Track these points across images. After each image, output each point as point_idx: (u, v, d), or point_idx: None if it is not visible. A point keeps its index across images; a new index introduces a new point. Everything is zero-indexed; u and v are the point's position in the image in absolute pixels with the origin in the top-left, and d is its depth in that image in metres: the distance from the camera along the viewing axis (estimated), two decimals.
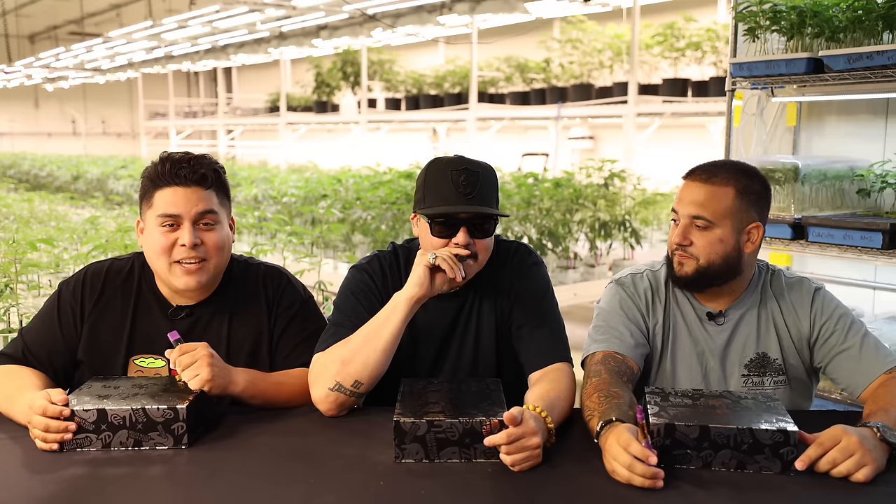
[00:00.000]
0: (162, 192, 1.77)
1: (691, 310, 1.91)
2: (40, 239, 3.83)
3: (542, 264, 1.97)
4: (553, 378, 1.75)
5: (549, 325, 1.87)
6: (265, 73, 21.75)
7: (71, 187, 12.26)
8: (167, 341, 1.74)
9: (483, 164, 1.83)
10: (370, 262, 1.94)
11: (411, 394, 1.68)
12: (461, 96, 12.50)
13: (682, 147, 10.76)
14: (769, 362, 1.87)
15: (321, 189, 7.02)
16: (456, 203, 1.77)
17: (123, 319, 1.84)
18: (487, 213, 1.79)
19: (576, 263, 6.18)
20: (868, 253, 2.66)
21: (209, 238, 1.79)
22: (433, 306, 1.88)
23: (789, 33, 2.90)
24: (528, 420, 1.48)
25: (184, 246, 1.75)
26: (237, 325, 1.87)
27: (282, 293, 1.91)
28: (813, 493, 1.39)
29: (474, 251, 1.79)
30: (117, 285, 1.86)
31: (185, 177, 1.77)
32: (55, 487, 1.41)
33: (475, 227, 1.79)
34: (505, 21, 11.75)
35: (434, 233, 1.80)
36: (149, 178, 1.80)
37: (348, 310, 1.87)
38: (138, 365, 1.84)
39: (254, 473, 1.47)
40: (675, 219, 1.86)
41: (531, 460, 1.47)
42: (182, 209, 1.76)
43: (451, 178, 1.78)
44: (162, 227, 1.77)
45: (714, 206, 1.80)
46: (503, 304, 1.90)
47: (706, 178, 1.83)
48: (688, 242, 1.81)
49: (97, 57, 18.90)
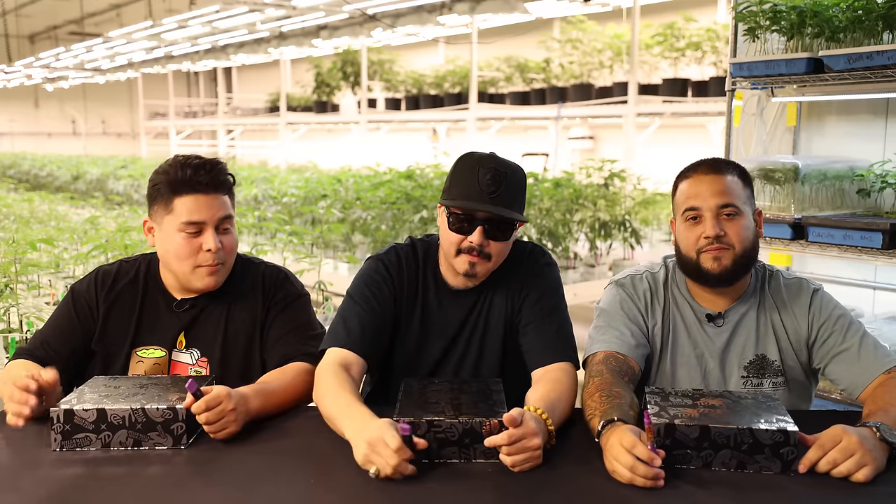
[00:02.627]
0: (183, 200, 1.83)
1: (690, 311, 1.91)
2: (40, 239, 3.84)
3: (555, 265, 1.97)
4: (555, 378, 1.75)
5: (556, 323, 1.86)
6: (265, 73, 21.74)
7: (71, 187, 12.27)
8: (170, 332, 1.83)
9: (513, 167, 1.83)
10: (387, 253, 1.95)
11: (411, 393, 1.68)
12: (461, 96, 12.50)
13: (682, 147, 10.73)
14: (768, 364, 1.87)
15: (321, 189, 7.01)
16: (478, 201, 1.76)
17: (131, 314, 1.91)
18: (506, 217, 1.78)
19: (576, 263, 6.18)
20: (868, 253, 2.66)
21: (227, 241, 1.89)
22: (447, 303, 1.89)
23: (789, 33, 2.90)
24: (528, 421, 1.47)
25: (209, 251, 1.83)
26: (236, 315, 1.93)
27: (279, 285, 1.97)
28: (813, 493, 1.39)
29: (487, 252, 1.79)
30: (126, 284, 1.94)
31: (207, 184, 1.84)
32: (55, 487, 1.41)
33: (493, 228, 1.79)
34: (505, 21, 11.75)
35: (451, 226, 1.80)
36: (167, 184, 1.85)
37: (359, 299, 1.87)
38: (139, 356, 1.90)
39: (253, 473, 1.47)
40: (694, 216, 1.81)
41: (531, 461, 1.47)
42: (206, 216, 1.84)
43: (478, 175, 1.77)
44: (185, 234, 1.83)
45: (735, 192, 1.81)
46: (513, 303, 1.90)
47: (716, 169, 1.83)
48: (723, 233, 1.79)
49: (97, 57, 18.90)
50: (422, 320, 1.90)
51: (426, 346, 1.92)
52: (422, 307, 1.91)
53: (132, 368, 1.90)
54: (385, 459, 1.41)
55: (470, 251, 1.80)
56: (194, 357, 1.91)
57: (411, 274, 1.91)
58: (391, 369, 1.94)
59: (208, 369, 1.90)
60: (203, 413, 1.56)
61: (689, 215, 1.83)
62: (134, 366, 1.90)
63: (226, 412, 1.59)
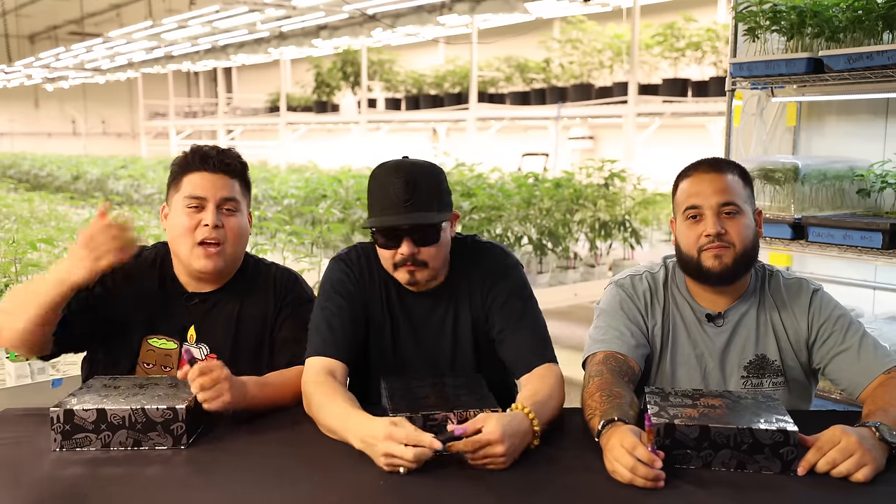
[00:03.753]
0: (190, 177, 1.89)
1: (690, 312, 1.90)
2: (40, 239, 3.84)
3: (518, 265, 1.94)
4: (540, 376, 1.75)
5: (529, 327, 1.84)
6: (265, 73, 21.74)
7: (71, 187, 12.27)
8: (181, 324, 1.87)
9: (424, 167, 1.80)
10: (348, 253, 1.94)
11: (398, 390, 1.70)
12: (461, 96, 12.50)
13: (682, 147, 10.73)
14: (768, 364, 1.87)
15: (321, 189, 7.02)
16: (394, 213, 1.75)
17: (145, 301, 1.93)
18: (427, 222, 1.76)
19: (576, 263, 6.18)
20: (868, 253, 2.66)
21: (230, 223, 1.89)
22: (412, 299, 1.88)
23: (789, 33, 2.90)
24: (492, 428, 1.46)
25: (206, 226, 1.86)
26: (248, 310, 1.96)
27: (290, 287, 2.01)
28: (813, 493, 1.39)
29: (422, 259, 1.78)
30: (145, 269, 1.96)
31: (213, 164, 1.89)
32: (55, 487, 1.41)
33: (418, 236, 1.77)
34: (505, 21, 11.76)
35: (379, 244, 1.80)
36: (178, 165, 1.92)
37: (327, 302, 1.85)
38: (151, 344, 1.92)
39: (254, 474, 1.47)
40: (694, 215, 1.81)
41: (495, 466, 1.47)
42: (208, 192, 1.87)
43: (389, 187, 1.76)
44: (188, 209, 1.87)
45: (736, 191, 1.81)
46: (479, 305, 1.88)
47: (716, 168, 1.83)
48: (724, 232, 1.79)
49: (97, 57, 18.91)
50: (391, 316, 1.88)
51: (399, 342, 1.90)
52: (388, 303, 1.90)
53: (143, 356, 1.91)
54: (403, 451, 1.42)
55: (404, 263, 1.78)
56: (203, 353, 1.93)
57: (373, 271, 1.90)
58: (367, 367, 1.92)
59: None
60: (197, 379, 1.60)
61: (689, 214, 1.83)
62: (145, 354, 1.92)
63: (220, 379, 1.63)
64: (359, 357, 1.89)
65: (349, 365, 1.81)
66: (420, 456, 1.43)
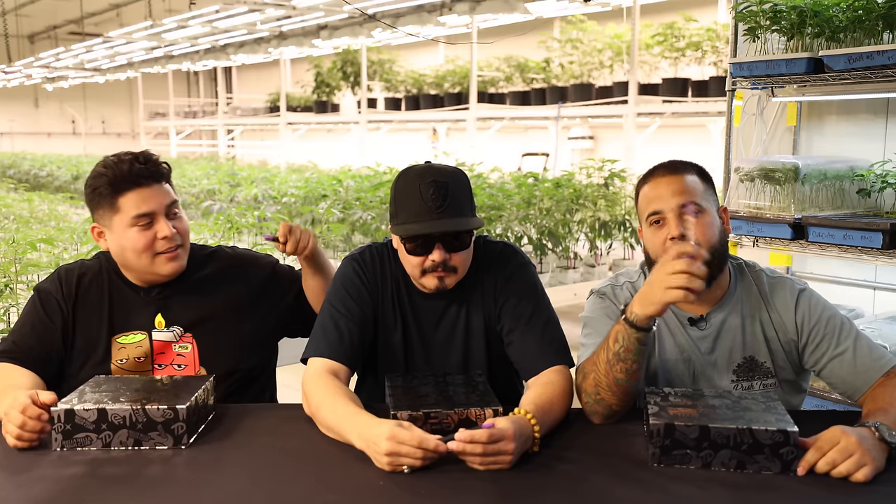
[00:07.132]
0: (127, 197, 1.87)
1: (673, 317, 1.86)
2: (40, 239, 3.84)
3: (530, 265, 1.92)
4: (546, 381, 1.72)
5: (539, 328, 1.81)
6: (265, 73, 21.76)
7: (71, 187, 12.27)
8: (143, 318, 1.92)
9: (453, 172, 1.78)
10: (361, 253, 1.93)
11: (400, 387, 1.70)
12: (461, 96, 12.51)
13: (683, 147, 10.73)
14: (758, 366, 1.83)
15: (321, 189, 7.02)
16: (427, 219, 1.72)
17: (101, 306, 1.94)
18: (461, 229, 1.74)
19: (576, 263, 6.19)
20: (868, 253, 2.66)
21: (180, 226, 1.94)
22: (425, 301, 1.87)
23: (789, 33, 2.90)
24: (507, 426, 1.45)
25: (165, 238, 1.88)
26: (216, 288, 2.01)
27: (250, 262, 2.12)
28: (813, 493, 1.39)
29: (452, 265, 1.76)
30: (91, 278, 1.97)
31: (147, 176, 1.89)
32: (55, 487, 1.41)
33: (450, 242, 1.75)
34: (505, 21, 11.76)
35: (409, 252, 1.77)
36: (108, 186, 1.87)
37: (337, 303, 1.84)
38: (120, 342, 1.93)
39: (254, 473, 1.47)
40: (657, 220, 1.77)
41: (499, 465, 1.46)
42: (154, 206, 1.88)
43: (420, 192, 1.72)
44: (139, 227, 1.87)
45: (696, 190, 1.77)
46: (491, 306, 1.87)
47: (672, 171, 1.80)
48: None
49: (97, 57, 18.91)
50: (402, 317, 1.87)
51: (410, 343, 1.89)
52: (400, 305, 1.88)
53: (115, 355, 1.91)
54: (408, 451, 1.42)
55: (434, 269, 1.76)
56: (177, 335, 1.94)
57: (386, 272, 1.89)
58: (378, 369, 1.92)
59: (194, 344, 1.94)
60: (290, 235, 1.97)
61: (652, 219, 1.78)
62: (116, 352, 1.91)
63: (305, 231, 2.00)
64: (367, 358, 1.89)
65: (353, 367, 1.80)
66: (426, 459, 1.43)
